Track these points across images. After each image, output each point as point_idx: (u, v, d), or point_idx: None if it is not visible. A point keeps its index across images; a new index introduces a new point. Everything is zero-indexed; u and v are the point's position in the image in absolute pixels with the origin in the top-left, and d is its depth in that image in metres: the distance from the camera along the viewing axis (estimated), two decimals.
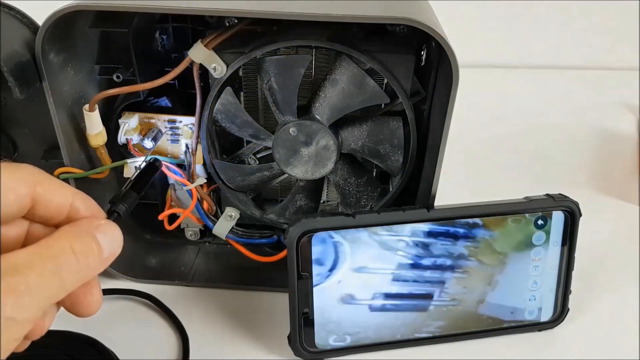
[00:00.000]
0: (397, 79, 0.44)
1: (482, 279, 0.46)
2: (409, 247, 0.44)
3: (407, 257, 0.44)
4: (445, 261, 0.45)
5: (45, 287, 0.25)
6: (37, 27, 0.41)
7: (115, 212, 0.33)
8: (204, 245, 0.58)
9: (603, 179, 0.71)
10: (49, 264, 0.26)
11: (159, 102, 0.51)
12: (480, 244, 0.45)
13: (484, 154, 0.76)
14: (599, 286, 0.54)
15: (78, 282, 0.27)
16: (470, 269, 0.45)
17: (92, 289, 0.30)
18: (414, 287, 0.45)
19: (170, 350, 0.46)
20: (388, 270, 0.44)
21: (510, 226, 0.45)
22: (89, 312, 0.30)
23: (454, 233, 0.44)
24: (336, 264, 0.43)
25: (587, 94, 0.92)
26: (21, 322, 0.24)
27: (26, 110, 0.46)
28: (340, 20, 0.37)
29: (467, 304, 0.46)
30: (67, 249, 0.27)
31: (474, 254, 0.45)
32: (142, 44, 0.47)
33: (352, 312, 0.45)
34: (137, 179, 0.37)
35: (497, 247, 0.45)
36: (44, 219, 0.29)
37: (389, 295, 0.45)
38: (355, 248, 0.43)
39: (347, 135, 0.47)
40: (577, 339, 0.48)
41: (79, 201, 0.30)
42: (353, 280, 0.44)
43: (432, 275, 0.45)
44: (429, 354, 0.47)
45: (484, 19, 1.01)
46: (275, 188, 0.56)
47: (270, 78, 0.44)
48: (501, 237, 0.45)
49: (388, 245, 0.44)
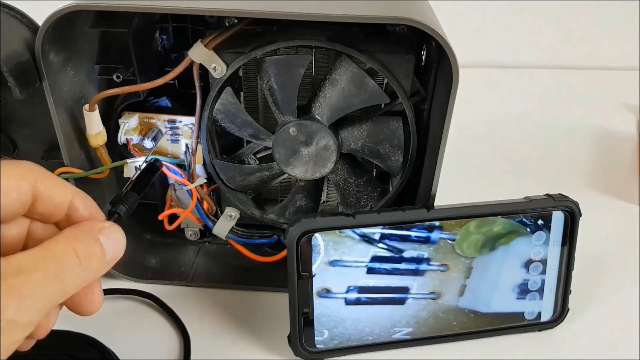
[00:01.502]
0: (397, 79, 0.44)
1: (460, 273, 0.46)
2: (384, 240, 0.44)
3: (383, 250, 0.44)
4: (421, 254, 0.45)
5: (48, 289, 0.25)
6: (37, 27, 0.41)
7: (115, 213, 0.33)
8: (204, 245, 0.58)
9: (603, 179, 0.71)
10: (52, 266, 0.26)
11: (159, 102, 0.51)
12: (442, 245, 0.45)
13: (484, 154, 0.76)
14: (599, 286, 0.54)
15: (80, 284, 0.27)
16: (449, 262, 0.45)
17: (93, 288, 0.30)
18: (390, 279, 0.45)
19: (172, 350, 0.46)
20: (362, 263, 0.44)
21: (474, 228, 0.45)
22: (90, 311, 0.30)
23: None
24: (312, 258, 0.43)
25: (587, 94, 0.92)
26: (22, 325, 0.24)
27: (26, 110, 0.46)
28: (340, 20, 0.37)
29: (446, 298, 0.46)
30: (70, 252, 0.27)
31: (444, 251, 0.45)
32: (142, 44, 0.47)
33: (328, 306, 0.45)
34: (138, 180, 0.37)
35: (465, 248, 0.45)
36: (44, 216, 0.29)
37: (363, 289, 0.45)
38: (329, 242, 0.43)
39: (347, 135, 0.47)
40: (577, 339, 0.48)
41: (79, 200, 0.30)
42: (328, 275, 0.44)
43: (408, 267, 0.45)
44: (429, 354, 0.47)
45: (483, 19, 1.02)
46: (275, 188, 0.56)
47: (270, 78, 0.44)
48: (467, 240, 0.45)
49: (364, 237, 0.43)
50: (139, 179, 0.38)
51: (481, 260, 0.46)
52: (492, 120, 0.83)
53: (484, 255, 0.46)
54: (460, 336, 0.47)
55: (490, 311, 0.47)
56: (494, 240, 0.45)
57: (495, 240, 0.45)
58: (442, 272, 0.45)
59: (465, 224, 0.44)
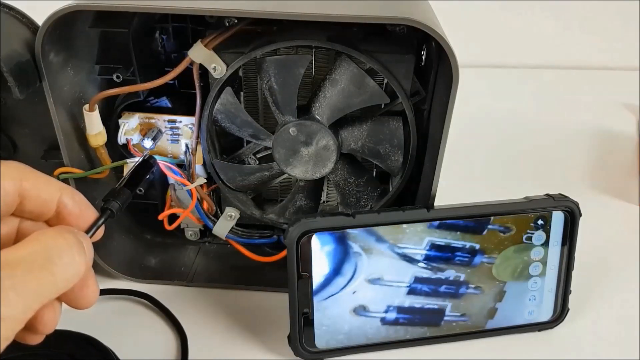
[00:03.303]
0: (397, 79, 0.44)
1: (492, 297, 0.46)
2: (426, 260, 0.44)
3: (424, 270, 0.44)
4: (459, 276, 0.45)
5: (34, 282, 0.24)
6: (37, 27, 0.41)
7: (108, 209, 0.33)
8: (204, 245, 0.58)
9: (603, 179, 0.71)
10: (39, 258, 0.25)
11: (159, 102, 0.51)
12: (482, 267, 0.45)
13: (484, 154, 0.76)
14: (599, 286, 0.54)
15: (74, 276, 0.27)
16: (483, 285, 0.46)
17: (87, 280, 0.29)
18: (428, 300, 0.45)
19: (170, 350, 0.46)
20: (403, 283, 0.44)
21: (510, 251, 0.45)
22: (86, 304, 0.29)
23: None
24: (354, 274, 0.43)
25: (587, 94, 0.92)
26: (8, 320, 0.23)
27: (26, 110, 0.46)
28: (340, 20, 0.37)
29: (475, 319, 0.47)
30: (61, 242, 0.26)
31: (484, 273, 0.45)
32: (142, 44, 0.47)
33: (363, 323, 0.45)
34: (131, 176, 0.37)
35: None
36: (33, 214, 0.29)
37: (402, 309, 0.45)
38: (373, 259, 0.43)
39: (347, 135, 0.47)
40: (577, 339, 0.48)
41: (67, 196, 0.29)
42: (367, 292, 0.44)
43: (447, 290, 0.45)
44: (429, 354, 0.47)
45: (483, 19, 1.01)
46: (275, 188, 0.56)
47: (270, 78, 0.44)
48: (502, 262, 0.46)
49: (405, 257, 0.44)
50: (132, 175, 0.38)
51: (514, 285, 0.46)
52: (492, 120, 0.82)
53: (516, 281, 0.46)
54: (460, 336, 0.47)
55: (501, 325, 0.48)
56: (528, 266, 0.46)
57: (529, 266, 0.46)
58: (476, 295, 0.46)
59: (505, 249, 0.45)
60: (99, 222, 0.31)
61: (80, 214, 0.30)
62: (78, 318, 0.30)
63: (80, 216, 0.30)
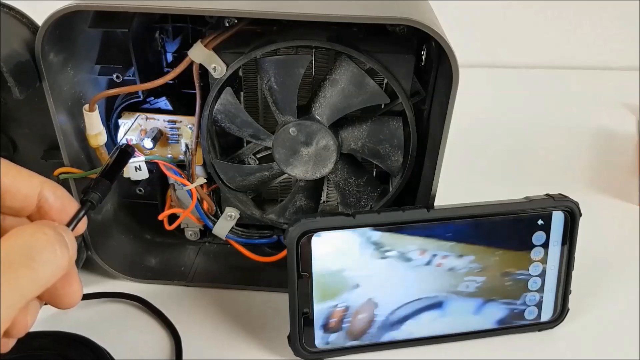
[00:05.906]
0: (397, 79, 0.44)
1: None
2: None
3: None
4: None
5: (15, 279, 0.23)
6: (36, 27, 0.41)
7: (88, 201, 0.33)
8: (203, 245, 0.58)
9: (603, 179, 0.71)
10: (18, 254, 0.24)
11: (159, 103, 0.51)
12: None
13: (483, 154, 0.76)
14: (599, 286, 0.54)
15: (56, 273, 0.26)
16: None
17: (70, 278, 0.28)
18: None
19: (164, 350, 0.46)
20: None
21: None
22: (70, 303, 0.29)
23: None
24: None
25: (587, 94, 0.92)
26: None
27: (26, 110, 0.46)
28: (340, 20, 0.37)
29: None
30: (41, 236, 0.25)
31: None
32: (142, 44, 0.47)
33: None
34: (110, 167, 0.37)
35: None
36: (14, 210, 0.28)
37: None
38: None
39: (347, 135, 0.47)
40: (577, 339, 0.48)
41: (47, 190, 0.29)
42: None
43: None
44: (429, 354, 0.47)
45: (483, 19, 1.02)
46: (275, 188, 0.56)
47: (270, 78, 0.44)
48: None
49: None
50: (110, 166, 0.37)
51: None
52: (492, 120, 0.83)
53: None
54: (460, 336, 0.47)
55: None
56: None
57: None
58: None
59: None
60: (79, 214, 0.30)
61: (62, 207, 0.29)
62: (72, 319, 0.29)
63: (62, 210, 0.29)
